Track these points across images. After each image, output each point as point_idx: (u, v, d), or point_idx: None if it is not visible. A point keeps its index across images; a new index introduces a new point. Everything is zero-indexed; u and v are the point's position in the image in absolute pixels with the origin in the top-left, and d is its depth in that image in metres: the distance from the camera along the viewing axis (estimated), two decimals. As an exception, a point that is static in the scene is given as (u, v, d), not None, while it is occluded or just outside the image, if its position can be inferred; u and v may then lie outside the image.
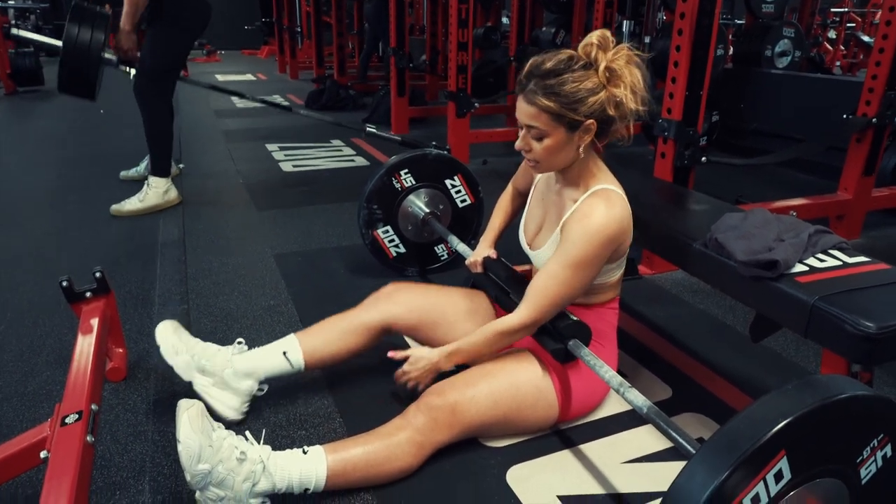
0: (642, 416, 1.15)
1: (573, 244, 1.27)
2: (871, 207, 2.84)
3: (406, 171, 2.16)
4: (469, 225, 2.29)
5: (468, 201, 2.28)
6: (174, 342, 1.48)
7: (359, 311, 1.57)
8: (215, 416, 1.36)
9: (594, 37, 1.22)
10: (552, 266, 1.29)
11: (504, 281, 1.53)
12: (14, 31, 3.37)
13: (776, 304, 1.19)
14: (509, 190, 1.74)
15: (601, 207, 1.26)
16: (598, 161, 1.36)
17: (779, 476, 0.84)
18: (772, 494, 0.85)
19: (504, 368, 1.37)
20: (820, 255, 1.27)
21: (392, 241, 2.20)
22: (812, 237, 1.31)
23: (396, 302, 1.57)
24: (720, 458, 0.83)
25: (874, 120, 2.56)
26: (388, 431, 1.28)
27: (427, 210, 2.18)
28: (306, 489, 1.20)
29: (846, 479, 0.93)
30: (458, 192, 2.25)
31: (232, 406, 1.45)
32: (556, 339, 1.35)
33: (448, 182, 2.24)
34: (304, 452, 1.22)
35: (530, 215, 1.51)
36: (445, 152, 2.25)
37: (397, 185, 2.16)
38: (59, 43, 2.67)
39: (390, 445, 1.25)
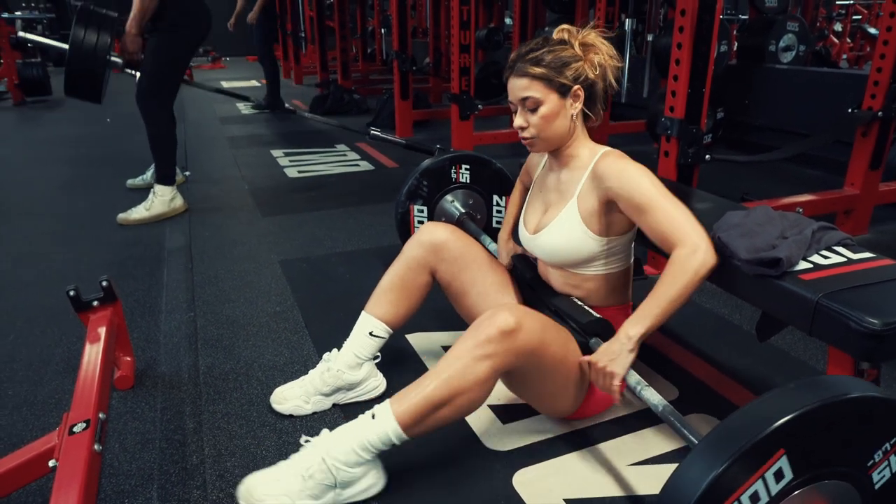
0: (657, 414, 1.15)
1: (633, 192, 1.25)
2: (878, 202, 2.82)
3: (468, 167, 2.20)
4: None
5: None
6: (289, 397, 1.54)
7: (405, 251, 1.56)
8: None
9: (563, 26, 1.37)
10: (644, 210, 1.24)
11: (531, 281, 1.54)
12: (21, 33, 3.41)
13: (780, 302, 1.18)
14: (518, 186, 1.76)
15: (623, 158, 1.33)
16: (591, 141, 1.41)
17: (779, 475, 0.84)
18: (773, 493, 0.84)
19: (566, 333, 1.35)
20: (824, 252, 1.26)
21: (421, 221, 2.21)
22: (816, 234, 1.30)
23: (440, 229, 1.57)
24: (716, 453, 0.82)
25: (880, 113, 2.54)
26: (455, 363, 1.20)
27: (463, 211, 2.20)
28: (393, 444, 1.20)
29: (856, 483, 0.91)
30: (500, 212, 2.28)
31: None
32: (579, 335, 1.36)
33: (496, 198, 2.27)
34: (373, 417, 1.21)
35: (531, 209, 1.51)
36: (504, 170, 2.28)
37: (454, 175, 2.20)
38: (65, 46, 2.69)
39: (459, 367, 1.18)
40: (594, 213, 1.34)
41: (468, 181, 2.21)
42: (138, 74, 2.90)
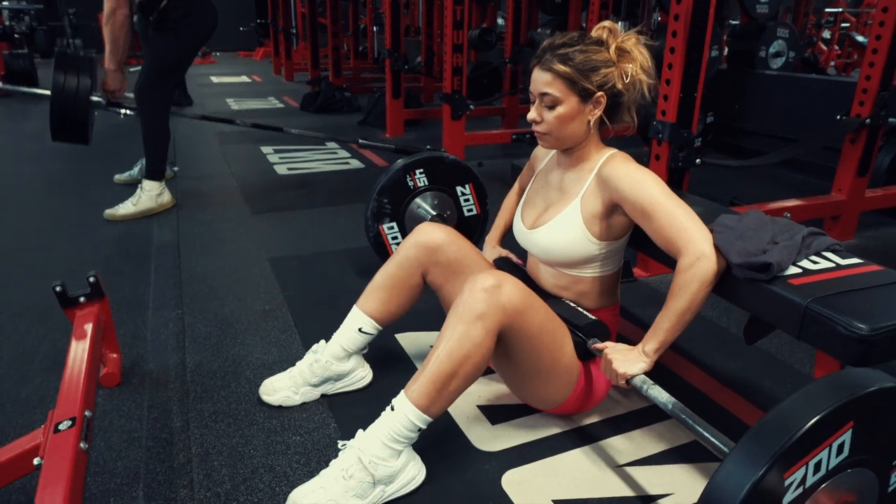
0: (667, 412, 1.16)
1: (640, 195, 1.26)
2: (865, 208, 2.85)
3: (421, 170, 2.18)
4: (471, 235, 2.29)
5: (474, 211, 2.29)
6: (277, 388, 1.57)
7: (400, 249, 1.55)
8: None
9: (606, 23, 1.32)
10: (651, 214, 1.24)
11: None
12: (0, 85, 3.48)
13: (770, 306, 1.19)
14: (515, 188, 1.76)
15: (628, 160, 1.34)
16: (601, 143, 1.41)
17: (840, 449, 0.86)
18: (830, 467, 0.87)
19: (561, 325, 1.36)
20: (813, 258, 1.27)
21: (395, 238, 2.20)
22: (806, 239, 1.31)
23: (437, 231, 1.55)
24: (794, 419, 0.83)
25: (868, 120, 2.57)
26: (451, 334, 1.22)
27: (434, 213, 2.19)
28: (419, 429, 1.23)
29: (880, 481, 0.94)
30: (467, 200, 2.27)
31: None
32: (576, 336, 1.37)
33: (459, 189, 2.25)
34: (392, 409, 1.23)
35: (529, 204, 1.51)
36: (470, 162, 2.28)
37: (410, 184, 2.17)
38: (46, 92, 2.71)
39: (455, 337, 1.21)
40: (597, 216, 1.34)
41: (427, 183, 2.19)
42: (123, 112, 2.91)
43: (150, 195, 2.98)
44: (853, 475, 0.90)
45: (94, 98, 2.78)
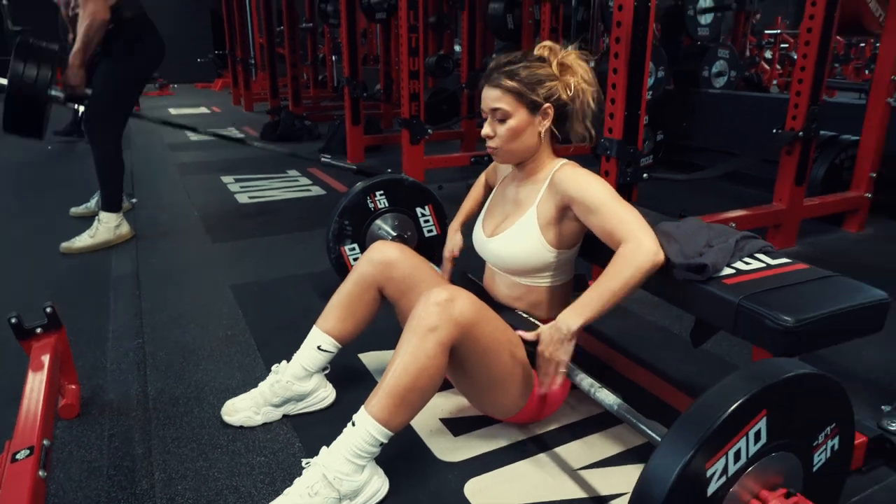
0: (614, 413, 1.21)
1: (587, 194, 1.34)
2: (804, 216, 3.00)
3: (381, 192, 2.22)
4: (432, 255, 2.33)
5: (434, 232, 2.34)
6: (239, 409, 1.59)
7: (356, 267, 1.60)
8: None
9: (546, 42, 1.43)
10: (596, 210, 1.32)
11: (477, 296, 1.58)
12: None
13: (707, 305, 1.27)
14: (481, 180, 1.86)
15: (578, 167, 1.42)
16: (554, 156, 1.49)
17: (758, 436, 0.92)
18: (750, 454, 0.93)
19: (514, 336, 1.40)
20: (746, 259, 1.36)
21: (356, 259, 2.22)
22: (739, 242, 1.39)
23: (391, 248, 1.60)
24: (710, 408, 0.90)
25: (801, 133, 2.72)
26: (406, 348, 1.25)
27: (394, 234, 2.22)
28: (381, 443, 1.25)
29: (804, 461, 1.01)
30: (427, 221, 2.31)
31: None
32: (528, 346, 1.40)
33: (419, 210, 2.30)
34: (353, 424, 1.25)
35: (490, 215, 1.58)
36: (430, 186, 2.33)
37: (371, 205, 2.21)
38: (3, 81, 2.63)
39: (410, 351, 1.24)
40: (551, 222, 1.42)
41: (387, 205, 2.24)
42: (81, 108, 2.84)
43: (107, 227, 2.95)
44: (776, 459, 0.96)
45: (53, 93, 2.65)
